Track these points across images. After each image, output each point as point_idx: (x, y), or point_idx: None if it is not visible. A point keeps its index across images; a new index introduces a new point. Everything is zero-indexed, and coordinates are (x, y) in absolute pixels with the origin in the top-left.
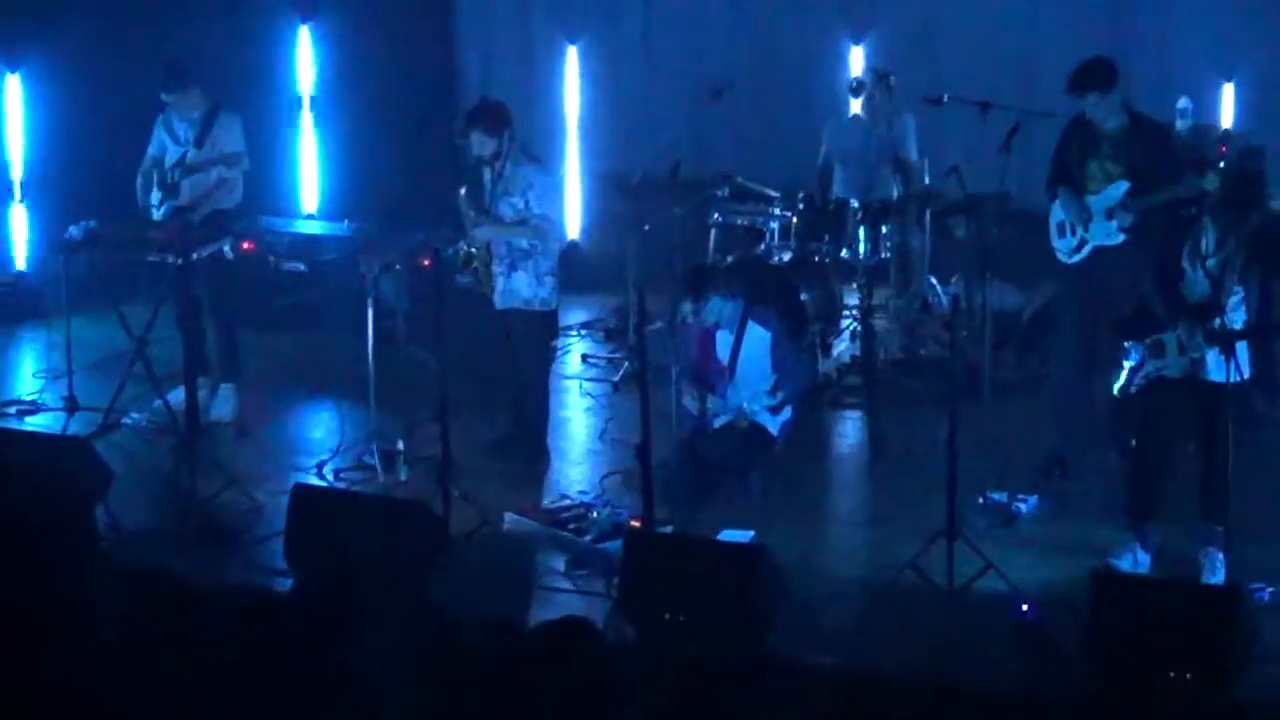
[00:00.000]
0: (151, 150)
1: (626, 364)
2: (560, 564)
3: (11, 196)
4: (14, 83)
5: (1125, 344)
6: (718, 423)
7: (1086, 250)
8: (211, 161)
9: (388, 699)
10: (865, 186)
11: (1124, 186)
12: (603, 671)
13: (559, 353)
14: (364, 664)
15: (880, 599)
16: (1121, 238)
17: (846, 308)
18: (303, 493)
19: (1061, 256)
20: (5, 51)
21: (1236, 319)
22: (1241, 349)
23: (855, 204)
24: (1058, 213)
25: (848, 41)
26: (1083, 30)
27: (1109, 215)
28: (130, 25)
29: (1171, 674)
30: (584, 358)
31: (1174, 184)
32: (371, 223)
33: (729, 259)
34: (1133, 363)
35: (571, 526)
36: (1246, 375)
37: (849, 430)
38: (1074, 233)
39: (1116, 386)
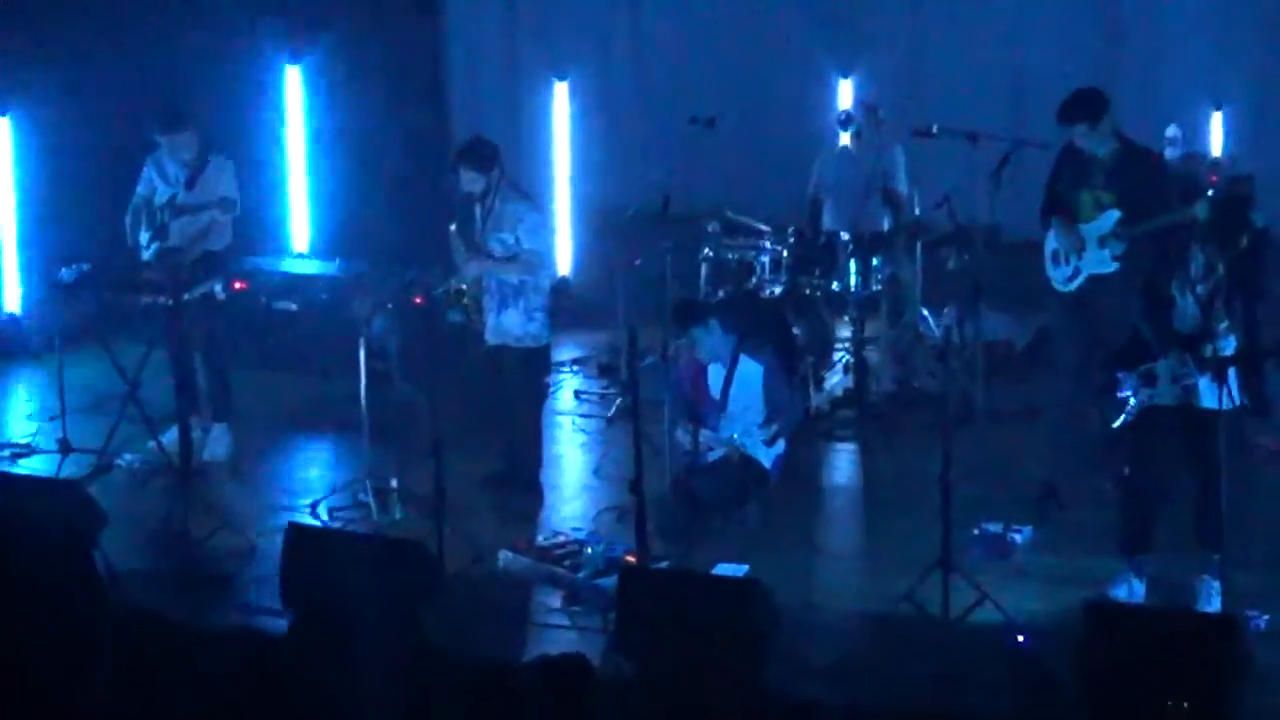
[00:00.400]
0: (140, 189)
1: (619, 399)
2: (556, 600)
3: (2, 239)
4: (4, 125)
5: (1118, 375)
6: (711, 457)
7: (1081, 278)
8: (202, 205)
9: None
10: (855, 219)
11: (1116, 215)
12: (599, 707)
13: (551, 389)
14: (359, 703)
15: (877, 631)
16: (1115, 266)
17: (838, 340)
18: (297, 532)
19: (1056, 285)
20: None
21: (1227, 345)
22: (1234, 376)
23: (846, 236)
24: (1052, 241)
25: (836, 75)
26: (1072, 59)
27: (1102, 243)
28: (119, 68)
29: (1168, 703)
30: (577, 394)
31: (1166, 211)
32: (363, 261)
33: (720, 293)
34: (1127, 393)
35: (566, 563)
36: (1238, 402)
37: (843, 463)
38: (1068, 261)
39: (1116, 422)
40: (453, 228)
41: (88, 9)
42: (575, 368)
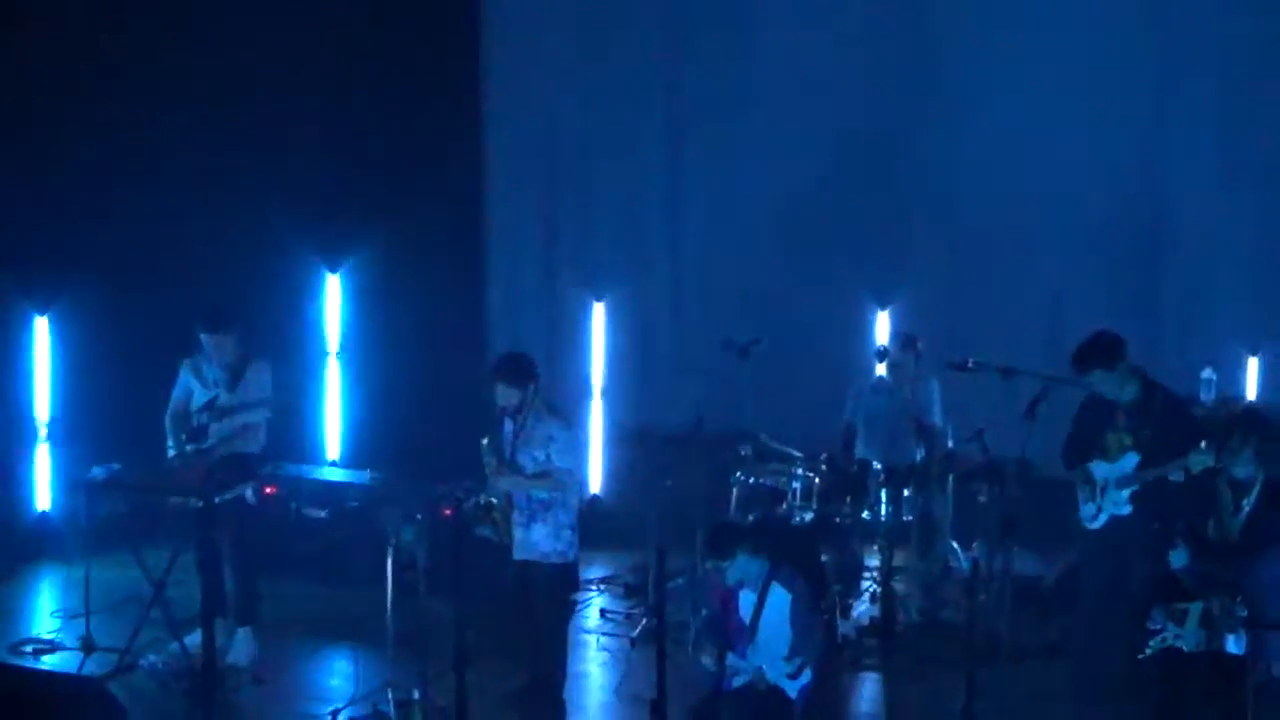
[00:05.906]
0: (176, 393)
1: (645, 620)
2: None
3: (37, 437)
4: (43, 325)
5: (1153, 607)
6: (736, 682)
7: (1103, 518)
8: (241, 407)
9: None
10: (888, 449)
11: (1135, 460)
12: None
13: (578, 606)
14: None
15: None
16: (1131, 508)
17: (867, 569)
18: None
19: (1084, 523)
20: (34, 295)
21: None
22: None
23: (878, 466)
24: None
25: (874, 306)
26: (1110, 300)
27: (1121, 485)
28: (156, 271)
29: None
30: (602, 612)
31: (1181, 458)
32: (394, 472)
33: (750, 517)
34: (1156, 625)
35: None
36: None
37: (867, 693)
38: (1093, 500)
39: (1145, 652)
40: (484, 441)
41: (127, 211)
42: (602, 586)
